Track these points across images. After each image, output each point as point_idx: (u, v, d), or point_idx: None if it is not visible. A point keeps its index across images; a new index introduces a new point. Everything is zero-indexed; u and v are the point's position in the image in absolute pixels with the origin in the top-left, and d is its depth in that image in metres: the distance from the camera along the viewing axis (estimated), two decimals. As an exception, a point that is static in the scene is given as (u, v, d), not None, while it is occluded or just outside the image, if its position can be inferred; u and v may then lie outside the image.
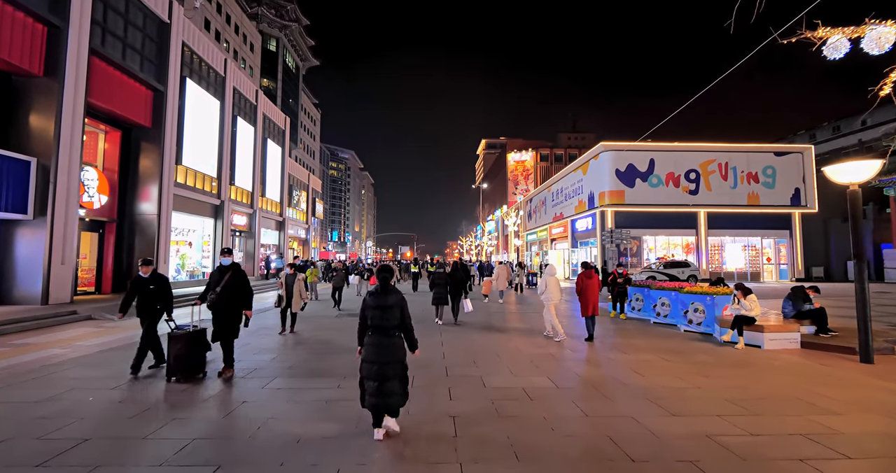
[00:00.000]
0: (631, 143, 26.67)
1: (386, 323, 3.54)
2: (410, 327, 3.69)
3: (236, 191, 22.30)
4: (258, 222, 24.08)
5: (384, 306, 3.57)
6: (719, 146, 27.25)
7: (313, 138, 75.32)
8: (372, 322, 3.57)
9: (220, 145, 20.35)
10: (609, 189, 26.54)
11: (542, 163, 77.48)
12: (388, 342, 3.53)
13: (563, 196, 34.31)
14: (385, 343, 3.52)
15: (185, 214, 17.92)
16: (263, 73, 53.91)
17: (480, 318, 10.99)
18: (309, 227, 34.66)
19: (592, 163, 28.40)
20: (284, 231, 28.29)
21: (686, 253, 27.01)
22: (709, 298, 8.68)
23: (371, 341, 3.55)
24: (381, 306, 3.57)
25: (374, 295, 3.64)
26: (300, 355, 6.97)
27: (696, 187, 26.82)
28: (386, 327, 3.55)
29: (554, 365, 6.22)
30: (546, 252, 38.99)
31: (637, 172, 26.65)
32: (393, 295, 3.63)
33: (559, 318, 8.61)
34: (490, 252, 61.60)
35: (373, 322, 3.56)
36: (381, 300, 3.60)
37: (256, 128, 24.23)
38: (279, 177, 28.07)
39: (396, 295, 3.65)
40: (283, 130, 28.80)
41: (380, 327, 3.55)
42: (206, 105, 19.09)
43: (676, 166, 26.82)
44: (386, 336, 3.54)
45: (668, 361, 6.45)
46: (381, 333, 3.54)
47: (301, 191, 33.06)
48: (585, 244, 30.32)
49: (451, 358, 6.65)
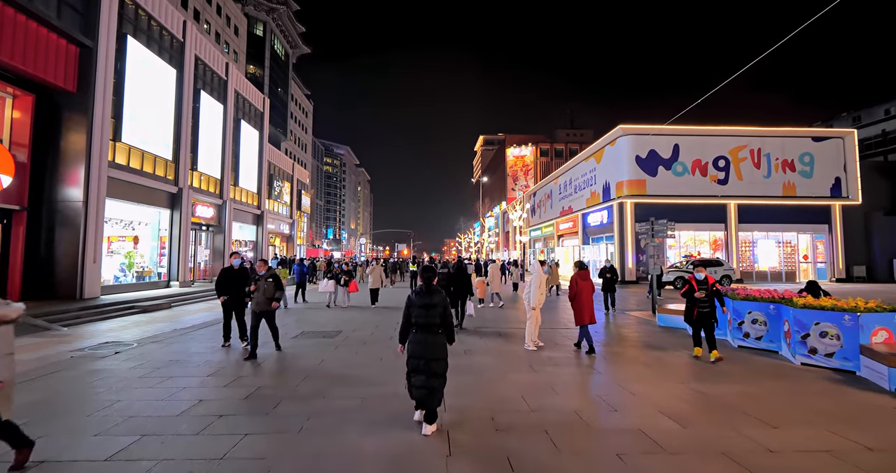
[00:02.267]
0: (653, 126, 23.69)
1: (431, 320, 3.72)
2: (451, 323, 3.89)
3: (200, 178, 19.19)
4: (229, 214, 20.99)
5: (429, 305, 3.74)
6: (751, 130, 24.29)
7: (305, 131, 72.07)
8: (416, 320, 3.75)
9: (179, 123, 17.23)
10: (628, 178, 23.58)
11: (542, 158, 75.58)
12: (434, 339, 3.72)
13: (573, 187, 31.33)
14: (431, 340, 3.71)
15: (129, 203, 14.82)
16: (249, 59, 50.64)
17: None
18: (294, 222, 31.55)
19: (608, 150, 25.41)
20: (263, 225, 25.20)
21: (713, 251, 24.11)
22: (847, 317, 5.71)
23: (416, 338, 3.73)
24: (426, 305, 3.74)
25: (419, 294, 3.81)
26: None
27: (726, 176, 23.90)
28: (431, 325, 3.72)
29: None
30: (552, 249, 36.05)
31: (660, 159, 23.69)
32: (437, 295, 3.81)
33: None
34: (491, 249, 58.58)
35: (417, 320, 3.74)
36: (427, 299, 3.76)
37: (227, 106, 21.09)
38: (256, 164, 24.95)
39: (440, 294, 3.83)
40: (261, 113, 25.64)
41: (425, 325, 3.72)
42: (156, 72, 15.94)
43: (704, 152, 23.88)
44: (431, 333, 3.73)
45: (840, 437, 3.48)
46: (426, 331, 3.73)
47: (284, 182, 29.94)
48: (598, 240, 27.38)
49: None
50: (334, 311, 11.64)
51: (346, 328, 9.11)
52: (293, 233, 31.49)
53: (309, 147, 74.31)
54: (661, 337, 8.33)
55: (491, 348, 7.29)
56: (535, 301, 6.99)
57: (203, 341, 7.92)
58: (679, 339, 8.00)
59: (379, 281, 12.89)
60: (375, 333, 8.51)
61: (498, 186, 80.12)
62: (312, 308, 12.33)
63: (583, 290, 6.79)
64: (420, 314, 3.71)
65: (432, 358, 3.63)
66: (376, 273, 12.92)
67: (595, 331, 8.60)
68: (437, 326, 3.73)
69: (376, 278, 12.84)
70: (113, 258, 14.63)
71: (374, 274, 12.93)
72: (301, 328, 9.16)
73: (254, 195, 24.80)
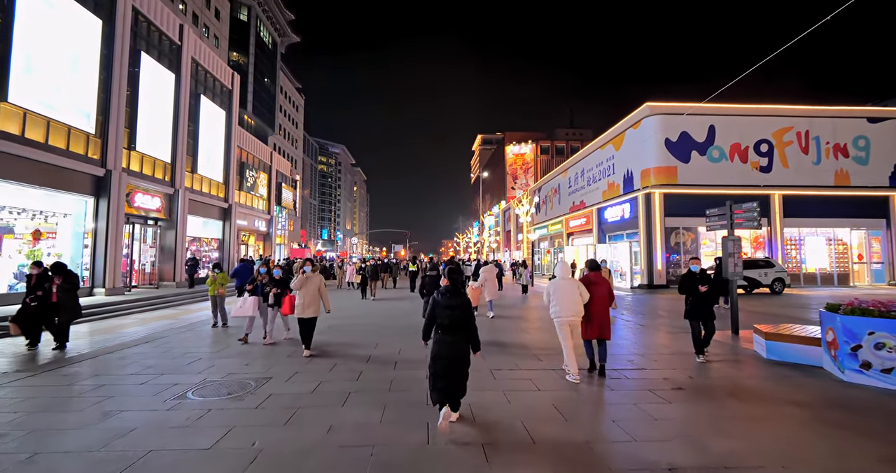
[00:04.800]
0: (686, 104, 20.33)
1: (455, 322, 3.73)
2: (475, 327, 3.85)
3: (142, 160, 15.69)
4: (183, 206, 17.48)
5: (454, 306, 3.75)
6: (798, 109, 20.96)
7: (296, 125, 68.58)
8: (441, 321, 3.75)
9: (107, 89, 13.74)
10: (655, 165, 20.20)
11: (542, 155, 73.14)
12: (457, 340, 3.72)
13: (586, 179, 27.93)
14: (454, 341, 3.71)
15: (26, 187, 11.31)
16: (233, 46, 47.18)
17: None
18: (272, 218, 28.02)
19: (630, 135, 22.03)
20: (231, 221, 21.67)
21: (754, 249, 20.76)
22: None
23: (441, 338, 3.73)
24: (451, 306, 3.74)
25: (445, 295, 3.80)
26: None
27: (769, 163, 20.56)
28: (455, 326, 3.73)
29: None
30: (560, 249, 32.66)
31: (693, 143, 20.33)
32: (462, 296, 3.82)
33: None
34: (492, 249, 55.19)
35: (441, 321, 3.75)
36: (452, 300, 3.76)
37: (181, 77, 17.58)
38: (223, 150, 21.44)
39: (464, 296, 3.84)
40: (229, 90, 22.14)
41: (449, 326, 3.73)
42: (70, 17, 12.45)
43: (743, 135, 20.54)
44: (454, 334, 3.72)
45: None
46: (450, 332, 3.72)
47: (260, 172, 26.41)
48: (617, 238, 23.99)
49: None
50: (242, 356, 6.52)
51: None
52: (271, 230, 27.93)
53: (300, 142, 70.81)
54: (813, 392, 4.87)
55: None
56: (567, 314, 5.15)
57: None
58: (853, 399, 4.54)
59: (316, 301, 6.53)
60: None
61: (497, 185, 77.05)
62: (221, 339, 8.12)
63: (594, 295, 5.37)
64: (445, 315, 3.73)
65: (457, 358, 3.66)
66: (310, 287, 6.48)
67: (683, 370, 5.19)
68: (461, 328, 3.74)
69: (310, 298, 6.45)
70: (11, 259, 11.16)
71: (308, 288, 6.46)
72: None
73: (219, 185, 21.28)
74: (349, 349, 7.00)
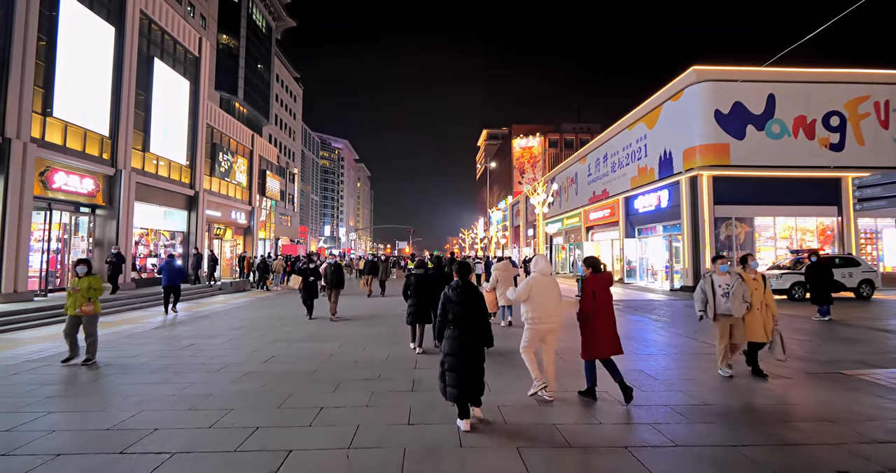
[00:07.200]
0: (740, 68, 16.79)
1: (467, 317, 3.66)
2: (488, 322, 3.80)
3: (63, 129, 12.51)
4: (127, 190, 14.31)
5: (465, 301, 3.68)
6: (877, 74, 17.33)
7: (293, 116, 65.54)
8: (453, 316, 3.67)
9: (4, 31, 10.54)
10: (703, 142, 16.70)
11: (550, 149, 70.28)
12: (471, 336, 3.64)
13: (610, 166, 24.44)
14: (467, 337, 3.62)
15: None
16: (222, 28, 44.06)
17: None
18: (253, 209, 24.80)
19: (668, 108, 18.52)
20: (199, 211, 18.47)
21: (821, 243, 17.23)
22: None
23: (454, 335, 3.64)
24: (462, 302, 3.68)
25: (455, 290, 3.74)
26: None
27: (841, 139, 16.98)
28: (467, 321, 3.65)
29: None
30: (578, 244, 29.24)
31: (748, 115, 16.79)
32: (474, 291, 3.76)
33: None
34: (502, 245, 51.90)
35: (454, 316, 3.67)
36: (463, 296, 3.70)
37: (124, 33, 14.36)
38: (188, 127, 18.23)
39: (476, 290, 3.78)
40: (196, 58, 18.88)
41: (462, 322, 3.65)
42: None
43: (809, 107, 16.96)
44: (467, 330, 3.64)
45: None
46: (463, 328, 3.64)
47: (238, 157, 23.18)
48: (649, 232, 20.56)
49: None
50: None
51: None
52: (253, 223, 24.73)
53: (298, 134, 67.79)
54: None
55: None
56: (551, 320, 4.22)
57: None
58: None
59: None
60: None
61: (504, 180, 73.85)
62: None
63: (600, 302, 4.21)
64: (457, 310, 3.67)
65: (470, 354, 3.58)
66: None
67: None
68: (474, 323, 3.68)
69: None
70: None
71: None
72: None
73: (183, 168, 18.09)
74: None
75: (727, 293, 4.96)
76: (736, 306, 4.87)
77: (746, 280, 5.04)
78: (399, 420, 3.71)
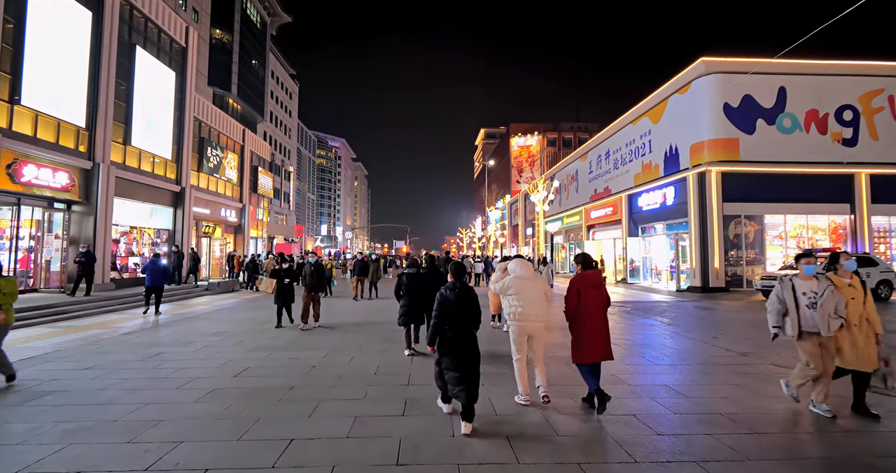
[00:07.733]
0: (750, 60, 16.12)
1: (464, 318, 3.61)
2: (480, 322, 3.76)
3: (34, 118, 11.70)
4: (106, 184, 13.51)
5: (462, 302, 3.62)
6: (891, 66, 16.70)
7: (289, 114, 64.60)
8: (450, 318, 3.61)
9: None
10: (711, 137, 16.05)
11: (549, 148, 69.77)
12: (468, 337, 3.60)
13: (612, 162, 23.78)
14: (465, 337, 3.57)
15: None
16: (215, 23, 43.11)
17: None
18: (244, 207, 23.97)
19: (675, 102, 17.85)
20: (185, 208, 17.66)
21: (833, 242, 16.60)
22: None
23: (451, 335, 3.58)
24: (459, 302, 3.62)
25: (452, 290, 3.68)
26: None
27: (854, 134, 16.36)
28: (464, 322, 3.61)
29: None
30: (578, 243, 28.56)
31: (759, 109, 16.14)
32: (471, 291, 3.72)
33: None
34: (501, 244, 51.26)
35: (451, 318, 3.61)
36: (460, 295, 3.64)
37: (103, 18, 13.54)
38: (173, 120, 17.40)
39: (472, 291, 3.74)
40: (182, 47, 18.05)
41: (459, 322, 3.60)
42: None
43: (821, 100, 16.33)
44: (464, 330, 3.59)
45: None
46: (459, 328, 3.59)
47: (228, 152, 22.35)
48: (653, 232, 19.91)
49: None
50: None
51: None
52: (244, 221, 23.90)
53: (294, 132, 66.86)
54: None
55: None
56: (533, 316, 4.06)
57: None
58: None
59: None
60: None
61: (502, 179, 73.22)
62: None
63: (590, 302, 3.89)
64: (454, 312, 3.62)
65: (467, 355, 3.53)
66: None
67: None
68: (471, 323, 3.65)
69: None
70: None
71: None
72: None
73: (168, 163, 17.27)
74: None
75: (814, 303, 3.74)
76: (823, 322, 3.66)
77: (840, 287, 3.80)
78: (386, 459, 2.98)
